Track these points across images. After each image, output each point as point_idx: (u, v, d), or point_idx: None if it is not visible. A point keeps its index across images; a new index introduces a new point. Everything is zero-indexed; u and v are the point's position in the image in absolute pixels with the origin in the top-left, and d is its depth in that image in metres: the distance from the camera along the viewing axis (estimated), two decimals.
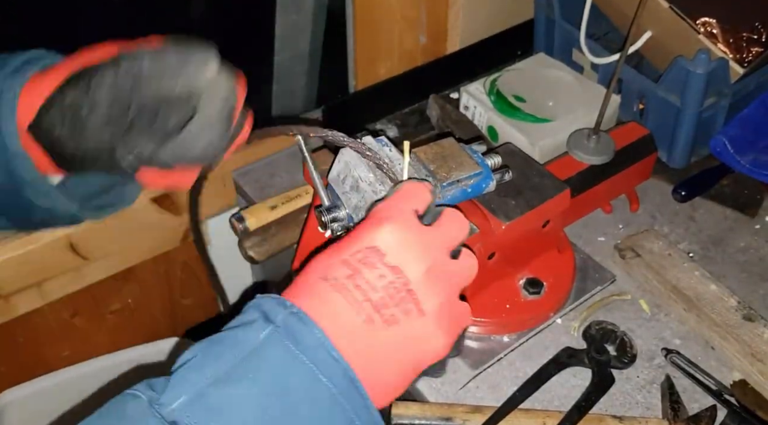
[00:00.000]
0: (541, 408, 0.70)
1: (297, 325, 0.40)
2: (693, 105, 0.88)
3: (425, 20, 1.05)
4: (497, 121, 0.93)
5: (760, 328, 0.74)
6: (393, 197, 0.46)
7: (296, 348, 0.40)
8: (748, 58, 0.89)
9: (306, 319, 0.41)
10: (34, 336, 0.98)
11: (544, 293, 0.76)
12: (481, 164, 0.58)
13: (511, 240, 0.71)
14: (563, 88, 0.97)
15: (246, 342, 0.40)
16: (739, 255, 0.86)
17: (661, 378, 0.73)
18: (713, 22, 0.88)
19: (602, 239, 0.87)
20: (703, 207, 0.92)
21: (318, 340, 0.40)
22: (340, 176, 0.55)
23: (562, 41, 1.04)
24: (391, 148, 0.57)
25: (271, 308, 0.41)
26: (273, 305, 0.42)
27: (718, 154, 0.93)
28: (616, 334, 0.75)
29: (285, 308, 0.41)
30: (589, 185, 0.82)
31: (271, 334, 0.40)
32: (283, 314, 0.41)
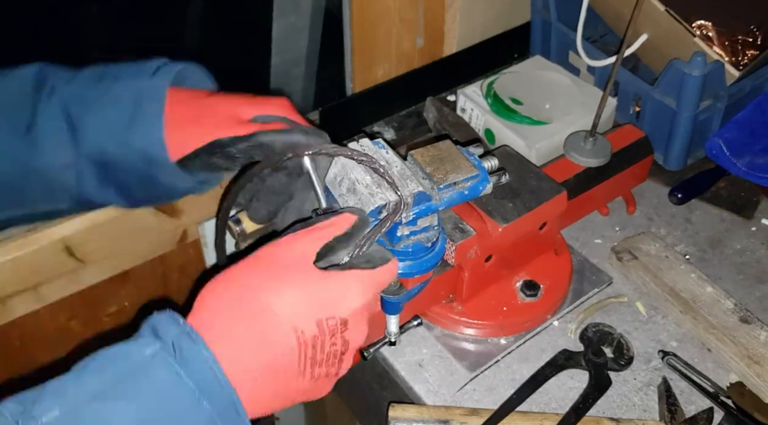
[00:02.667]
0: (539, 410, 0.70)
1: (187, 344, 0.40)
2: (689, 108, 0.89)
3: (422, 23, 1.05)
4: (494, 123, 0.93)
5: (757, 330, 0.74)
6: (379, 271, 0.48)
7: (182, 369, 0.39)
8: (743, 60, 0.89)
9: (197, 339, 0.40)
10: (31, 339, 0.98)
11: (541, 295, 0.76)
12: (478, 167, 0.58)
13: (508, 242, 0.71)
14: (560, 91, 0.97)
15: (130, 357, 0.39)
16: (736, 257, 0.86)
17: (658, 381, 0.73)
18: (709, 24, 0.88)
19: (599, 241, 0.88)
20: (699, 209, 0.92)
21: (205, 362, 0.39)
22: (336, 179, 0.55)
23: (559, 44, 1.04)
24: (388, 150, 0.57)
25: (162, 325, 0.41)
26: (165, 323, 0.41)
27: (714, 156, 0.94)
28: (613, 336, 0.75)
29: (177, 326, 0.40)
30: (585, 187, 0.83)
31: (158, 352, 0.39)
32: (173, 332, 0.40)
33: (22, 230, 0.90)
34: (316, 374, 0.45)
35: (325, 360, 0.45)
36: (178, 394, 0.38)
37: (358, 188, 0.53)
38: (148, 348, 0.39)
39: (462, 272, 0.72)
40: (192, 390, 0.38)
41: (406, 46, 1.06)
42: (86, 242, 0.93)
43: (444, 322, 0.76)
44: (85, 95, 0.54)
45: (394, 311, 0.66)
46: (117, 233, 0.95)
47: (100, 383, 0.38)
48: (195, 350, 0.39)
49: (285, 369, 0.43)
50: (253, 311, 0.42)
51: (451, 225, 0.69)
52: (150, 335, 0.40)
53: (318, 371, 0.45)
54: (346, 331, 0.45)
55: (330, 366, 0.45)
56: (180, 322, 0.41)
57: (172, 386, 0.38)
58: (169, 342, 0.39)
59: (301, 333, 0.43)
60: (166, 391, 0.38)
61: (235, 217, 0.85)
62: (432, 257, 0.59)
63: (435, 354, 0.75)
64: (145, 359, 0.39)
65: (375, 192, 0.52)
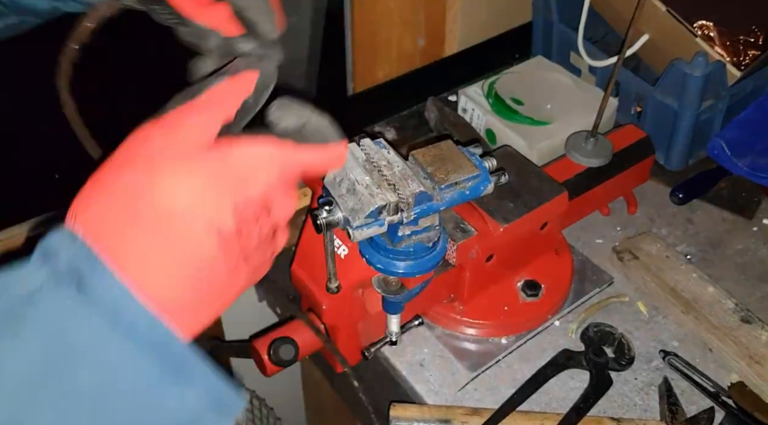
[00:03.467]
0: (540, 410, 0.70)
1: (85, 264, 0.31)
2: (690, 108, 0.89)
3: (423, 23, 1.05)
4: (495, 123, 0.93)
5: (758, 330, 0.74)
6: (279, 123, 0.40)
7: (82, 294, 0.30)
8: (745, 61, 0.89)
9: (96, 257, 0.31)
10: None
11: (542, 295, 0.76)
12: (479, 167, 0.58)
13: (509, 242, 0.71)
14: (561, 91, 0.97)
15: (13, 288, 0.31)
16: (737, 257, 0.86)
17: (659, 380, 0.73)
18: (710, 25, 0.88)
19: (600, 241, 0.88)
20: (700, 209, 0.92)
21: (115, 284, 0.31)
22: (336, 179, 0.55)
23: (560, 44, 1.04)
24: (390, 150, 0.57)
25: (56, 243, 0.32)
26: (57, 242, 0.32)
27: (716, 156, 0.94)
28: (614, 336, 0.75)
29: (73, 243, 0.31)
30: (586, 187, 0.83)
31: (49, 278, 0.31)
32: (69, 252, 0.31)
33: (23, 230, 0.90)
34: (251, 266, 0.37)
35: (257, 248, 0.37)
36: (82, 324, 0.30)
37: (357, 188, 0.53)
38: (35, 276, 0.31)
39: (463, 271, 0.72)
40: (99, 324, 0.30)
41: (407, 46, 1.07)
42: None
43: (445, 322, 0.76)
44: None
45: (395, 311, 0.67)
46: None
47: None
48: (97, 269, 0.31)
49: (213, 277, 0.34)
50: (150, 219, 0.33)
51: (453, 225, 0.69)
52: (39, 257, 0.31)
53: (253, 262, 0.37)
54: (270, 210, 0.37)
55: (265, 252, 0.38)
56: (76, 241, 0.32)
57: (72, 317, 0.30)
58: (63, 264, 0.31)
59: (219, 230, 0.34)
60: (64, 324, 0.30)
61: None
62: (433, 257, 0.59)
63: (436, 353, 0.75)
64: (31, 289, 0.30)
65: (375, 192, 0.52)
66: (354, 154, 0.55)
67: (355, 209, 0.53)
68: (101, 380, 0.30)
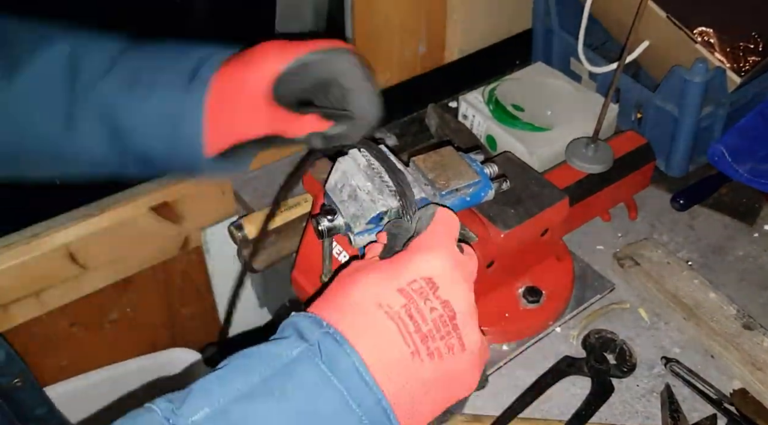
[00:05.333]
0: (541, 417, 0.70)
1: (332, 346, 0.39)
2: (691, 114, 0.89)
3: (424, 30, 1.06)
4: (496, 130, 0.93)
5: (760, 336, 0.74)
6: (436, 226, 0.46)
7: (328, 370, 0.38)
8: (745, 67, 0.89)
9: (342, 340, 0.39)
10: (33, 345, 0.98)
11: (543, 301, 0.76)
12: (479, 173, 0.58)
13: (510, 249, 0.71)
14: (561, 98, 0.97)
15: (277, 358, 0.39)
16: (738, 264, 0.86)
17: (660, 387, 0.73)
18: (710, 31, 0.89)
19: (601, 247, 0.87)
20: (701, 216, 0.92)
21: (352, 364, 0.39)
22: (337, 185, 0.55)
23: (560, 51, 1.04)
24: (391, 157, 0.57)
25: (306, 327, 0.40)
26: (308, 324, 0.40)
27: (716, 163, 0.94)
28: (616, 343, 0.75)
29: (320, 327, 0.40)
30: (587, 193, 0.83)
31: (304, 352, 0.39)
32: (318, 334, 0.40)
33: (25, 237, 0.90)
34: (433, 350, 0.41)
35: (435, 331, 0.41)
36: (327, 395, 0.38)
37: (359, 194, 0.53)
38: (294, 349, 0.39)
39: None
40: (340, 392, 0.38)
41: (407, 53, 1.07)
42: (88, 249, 0.93)
43: None
44: (121, 105, 0.55)
45: None
46: (119, 239, 0.95)
47: (248, 382, 0.38)
48: (340, 351, 0.39)
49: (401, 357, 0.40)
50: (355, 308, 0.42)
51: None
52: (294, 335, 0.40)
53: (433, 346, 0.41)
54: (437, 290, 0.42)
55: (446, 337, 0.42)
56: (323, 324, 0.40)
57: (321, 387, 0.38)
58: (315, 342, 0.39)
59: (388, 307, 0.41)
60: (315, 392, 0.38)
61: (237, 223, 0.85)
62: None
63: None
64: (292, 359, 0.38)
65: (377, 199, 0.52)
66: (355, 160, 0.55)
67: (357, 215, 0.53)
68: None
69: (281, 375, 0.38)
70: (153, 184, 0.96)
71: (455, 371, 0.43)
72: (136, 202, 0.94)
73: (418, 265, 0.43)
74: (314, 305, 0.43)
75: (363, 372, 0.39)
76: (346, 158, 0.55)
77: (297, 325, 0.40)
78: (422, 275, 0.42)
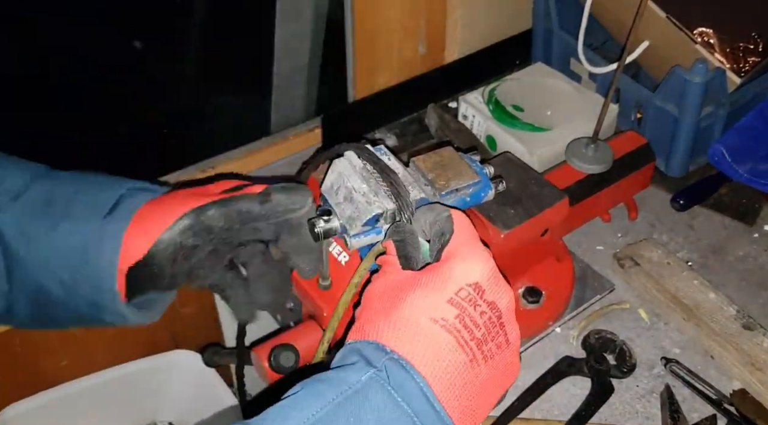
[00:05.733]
0: (541, 417, 0.70)
1: (398, 371, 0.40)
2: (690, 114, 0.89)
3: (424, 30, 1.06)
4: (496, 130, 0.93)
5: (759, 337, 0.74)
6: (462, 230, 0.47)
7: (397, 395, 0.39)
8: (745, 67, 0.89)
9: (408, 366, 0.40)
10: (33, 346, 0.98)
11: (543, 302, 0.76)
12: (479, 173, 0.58)
13: (510, 249, 0.71)
14: (561, 98, 0.97)
15: (348, 383, 0.39)
16: (738, 264, 0.86)
17: (660, 388, 0.73)
18: (710, 32, 0.89)
19: (601, 247, 0.87)
20: (701, 216, 0.92)
21: (420, 389, 0.40)
22: (333, 187, 0.55)
23: (560, 51, 1.04)
24: (390, 157, 0.57)
25: (370, 353, 0.41)
26: (372, 350, 0.41)
27: (716, 163, 0.94)
28: (616, 343, 0.75)
29: (385, 353, 0.41)
30: (587, 193, 0.83)
31: (373, 378, 0.40)
32: (384, 359, 0.40)
33: None
34: (486, 352, 0.43)
35: (487, 334, 0.43)
36: (398, 420, 0.39)
37: (354, 196, 0.53)
38: (363, 374, 0.40)
39: None
40: (410, 416, 0.39)
41: (407, 53, 1.07)
42: None
43: None
44: (26, 230, 0.50)
45: None
46: None
47: (321, 407, 0.38)
48: (406, 376, 0.40)
49: (461, 367, 0.42)
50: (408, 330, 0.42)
51: None
52: (361, 361, 0.41)
53: (486, 349, 0.43)
54: (484, 294, 0.44)
55: (495, 337, 0.43)
56: (386, 349, 0.41)
57: (391, 411, 0.39)
58: (382, 368, 0.40)
59: (443, 321, 0.42)
60: (386, 416, 0.39)
61: None
62: None
63: None
64: (362, 384, 0.39)
65: (372, 200, 0.52)
66: (351, 162, 0.55)
67: (353, 216, 0.53)
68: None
69: (354, 401, 0.39)
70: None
71: (505, 365, 0.44)
72: None
73: (461, 273, 0.44)
74: (367, 329, 0.43)
75: (430, 397, 0.40)
76: (342, 159, 0.55)
77: (362, 351, 0.41)
78: (468, 282, 0.43)
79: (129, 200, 0.52)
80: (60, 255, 0.50)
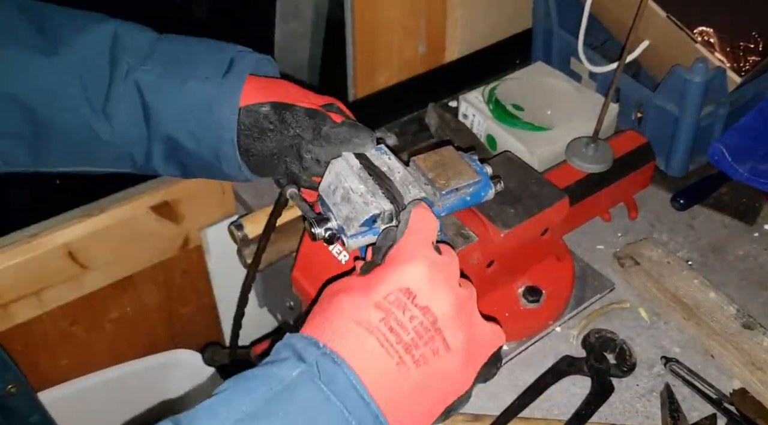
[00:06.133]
0: (541, 416, 0.70)
1: (329, 366, 0.40)
2: (691, 114, 0.89)
3: (424, 29, 1.06)
4: (496, 129, 0.93)
5: (760, 336, 0.74)
6: (410, 233, 0.46)
7: (327, 389, 0.39)
8: (745, 67, 0.89)
9: (338, 360, 0.41)
10: (33, 344, 0.98)
11: (543, 301, 0.76)
12: (480, 173, 0.58)
13: (510, 248, 0.71)
14: (561, 97, 0.97)
15: (278, 379, 0.40)
16: (738, 263, 0.86)
17: (660, 387, 0.73)
18: (710, 31, 0.89)
19: (601, 247, 0.87)
20: (701, 215, 0.92)
21: (349, 382, 0.40)
22: (330, 187, 0.55)
23: (560, 50, 1.04)
24: (391, 156, 0.57)
25: (303, 348, 0.41)
26: (305, 345, 0.41)
27: (716, 162, 0.94)
28: (616, 342, 0.75)
29: (317, 348, 0.41)
30: (587, 193, 0.83)
31: (304, 373, 0.40)
32: (315, 354, 0.41)
33: (25, 236, 0.90)
34: (419, 357, 0.42)
35: (418, 339, 0.42)
36: (328, 414, 0.39)
37: (352, 196, 0.53)
38: (294, 370, 0.40)
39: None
40: (341, 410, 0.39)
41: (407, 52, 1.07)
42: (89, 248, 0.93)
43: None
44: (159, 86, 0.56)
45: None
46: (119, 238, 0.96)
47: (251, 403, 0.39)
48: (337, 370, 0.40)
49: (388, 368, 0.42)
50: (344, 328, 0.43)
51: (453, 231, 0.69)
52: (292, 356, 0.41)
53: (418, 353, 0.42)
54: (416, 298, 0.43)
55: (429, 342, 0.43)
56: (319, 345, 0.41)
57: (321, 406, 0.39)
58: (312, 363, 0.40)
59: (366, 323, 0.42)
60: (316, 411, 0.39)
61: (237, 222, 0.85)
62: None
63: None
64: (292, 380, 0.40)
65: (369, 201, 0.52)
66: (348, 162, 0.55)
67: (350, 217, 0.53)
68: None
69: (283, 396, 0.39)
70: (153, 184, 0.96)
71: (445, 372, 0.43)
72: (136, 202, 0.94)
73: (393, 277, 0.44)
74: (305, 325, 0.44)
75: (359, 388, 0.40)
76: (340, 160, 0.55)
77: (294, 346, 0.42)
78: (398, 287, 0.43)
79: (240, 62, 0.58)
80: (188, 109, 0.56)
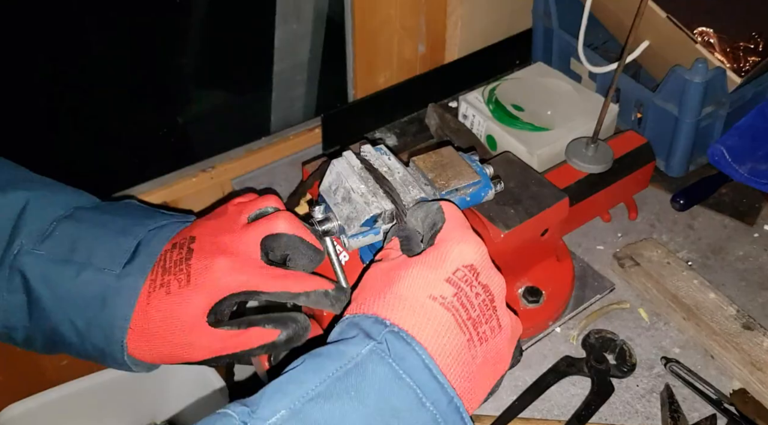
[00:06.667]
0: (541, 417, 0.70)
1: (399, 344, 0.40)
2: (691, 114, 0.89)
3: (424, 29, 1.06)
4: (496, 130, 0.93)
5: (760, 337, 0.74)
6: (455, 218, 0.47)
7: (399, 367, 0.39)
8: (745, 67, 0.89)
9: (408, 338, 0.40)
10: None
11: (543, 301, 0.76)
12: (479, 173, 0.58)
13: (510, 249, 0.71)
14: (561, 97, 0.97)
15: (347, 356, 0.39)
16: (738, 264, 0.86)
17: (660, 387, 0.73)
18: (710, 31, 0.89)
19: (601, 247, 0.87)
20: (701, 215, 0.92)
21: (422, 361, 0.39)
22: (331, 187, 0.55)
23: (560, 50, 1.04)
24: (390, 157, 0.57)
25: (369, 326, 0.40)
26: (371, 323, 0.41)
27: (716, 163, 0.94)
28: (616, 343, 0.75)
29: (384, 326, 0.40)
30: (587, 193, 0.83)
31: (373, 350, 0.39)
32: (384, 332, 0.40)
33: None
34: (482, 334, 0.43)
35: (482, 316, 0.43)
36: (400, 392, 0.38)
37: (353, 196, 0.53)
38: (362, 347, 0.39)
39: None
40: (413, 389, 0.38)
41: (407, 52, 1.07)
42: None
43: None
44: (49, 274, 0.51)
45: None
46: None
47: (322, 382, 0.38)
48: (408, 348, 0.39)
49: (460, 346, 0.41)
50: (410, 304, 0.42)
51: None
52: (360, 334, 0.40)
53: (482, 331, 0.43)
54: (479, 276, 0.44)
55: (489, 320, 0.43)
56: (386, 322, 0.40)
57: (394, 384, 0.38)
58: (382, 340, 0.39)
59: (442, 298, 0.42)
60: (388, 389, 0.38)
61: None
62: None
63: None
64: (362, 357, 0.39)
65: (370, 201, 0.52)
66: (350, 162, 0.55)
67: (351, 217, 0.53)
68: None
69: (354, 374, 0.38)
70: (153, 184, 0.96)
71: (498, 350, 0.44)
72: None
73: (458, 254, 0.44)
74: (366, 305, 0.43)
75: (433, 369, 0.39)
76: (341, 159, 0.55)
77: (360, 325, 0.41)
78: (464, 263, 0.44)
79: (147, 247, 0.51)
80: (78, 303, 0.50)
